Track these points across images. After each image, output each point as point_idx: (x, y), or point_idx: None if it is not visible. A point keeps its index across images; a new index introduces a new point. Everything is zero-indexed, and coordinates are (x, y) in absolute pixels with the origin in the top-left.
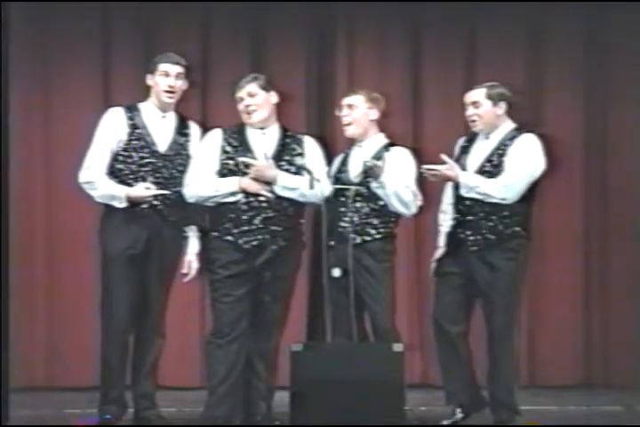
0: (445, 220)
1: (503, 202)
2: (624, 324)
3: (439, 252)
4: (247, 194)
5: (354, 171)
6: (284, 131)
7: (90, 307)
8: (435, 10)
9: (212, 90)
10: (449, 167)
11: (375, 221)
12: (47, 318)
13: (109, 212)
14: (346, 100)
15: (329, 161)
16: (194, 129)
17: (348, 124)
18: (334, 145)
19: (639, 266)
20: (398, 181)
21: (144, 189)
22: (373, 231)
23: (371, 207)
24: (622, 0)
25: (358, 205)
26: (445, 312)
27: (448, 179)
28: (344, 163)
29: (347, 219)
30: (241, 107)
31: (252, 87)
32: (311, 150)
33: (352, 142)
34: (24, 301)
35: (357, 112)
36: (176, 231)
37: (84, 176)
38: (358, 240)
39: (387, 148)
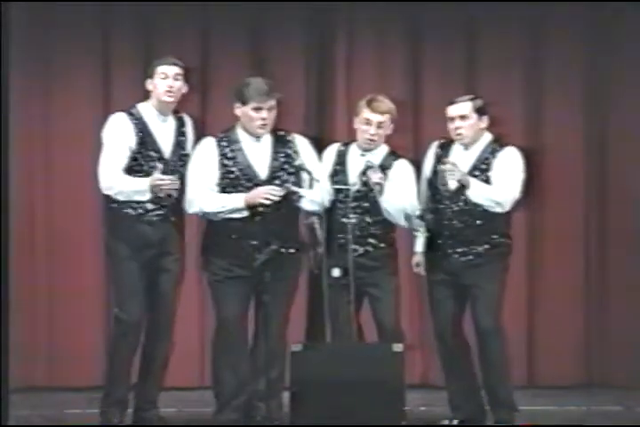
0: (421, 225)
1: (500, 211)
2: (624, 324)
3: (419, 258)
4: (251, 207)
5: (352, 177)
6: (275, 133)
7: (90, 307)
8: (435, 10)
9: (211, 91)
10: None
11: (377, 232)
12: (47, 317)
13: (117, 217)
14: (376, 118)
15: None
16: (188, 123)
17: (374, 140)
18: None
19: (639, 266)
20: (403, 198)
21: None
22: (375, 242)
23: (373, 219)
24: (622, 0)
25: (360, 217)
26: (446, 326)
27: (461, 180)
28: (342, 167)
29: (345, 221)
30: (255, 115)
31: (273, 102)
32: (303, 149)
33: (347, 140)
34: (24, 301)
35: (384, 130)
36: (183, 232)
37: (104, 181)
38: (361, 251)
39: (389, 159)
